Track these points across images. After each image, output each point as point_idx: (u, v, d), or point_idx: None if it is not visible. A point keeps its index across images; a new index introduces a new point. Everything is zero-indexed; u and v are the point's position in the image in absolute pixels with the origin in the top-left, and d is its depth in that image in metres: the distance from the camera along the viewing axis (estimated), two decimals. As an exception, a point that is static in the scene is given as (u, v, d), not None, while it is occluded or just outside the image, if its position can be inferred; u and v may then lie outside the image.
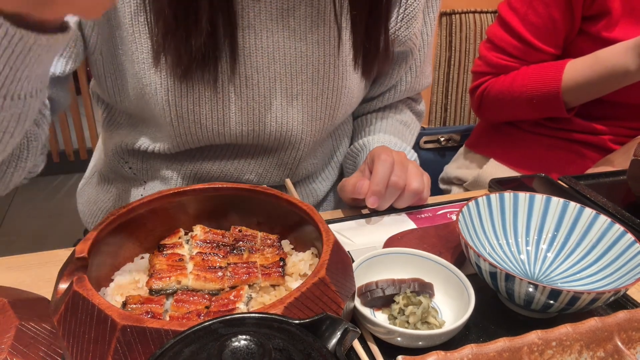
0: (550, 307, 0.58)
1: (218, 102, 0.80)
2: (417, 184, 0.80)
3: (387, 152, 0.81)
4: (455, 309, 0.61)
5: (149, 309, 0.50)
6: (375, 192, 0.78)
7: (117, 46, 0.78)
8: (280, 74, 0.82)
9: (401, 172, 0.79)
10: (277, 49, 0.81)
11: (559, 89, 1.12)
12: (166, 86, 0.78)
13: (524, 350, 0.48)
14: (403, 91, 1.02)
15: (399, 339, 0.56)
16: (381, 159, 0.80)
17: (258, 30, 0.79)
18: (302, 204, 0.59)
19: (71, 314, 0.45)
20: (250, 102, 0.82)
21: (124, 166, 0.93)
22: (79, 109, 3.19)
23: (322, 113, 0.88)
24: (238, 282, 0.54)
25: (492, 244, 0.71)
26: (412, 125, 1.08)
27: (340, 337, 0.36)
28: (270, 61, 0.81)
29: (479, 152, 1.36)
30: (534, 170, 1.13)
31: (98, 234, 0.53)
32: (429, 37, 0.97)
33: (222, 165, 0.90)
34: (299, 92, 0.85)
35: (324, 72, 0.85)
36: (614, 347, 0.50)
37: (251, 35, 0.78)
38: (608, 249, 0.66)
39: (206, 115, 0.81)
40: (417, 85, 1.03)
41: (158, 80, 0.77)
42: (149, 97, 0.79)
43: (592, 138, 1.20)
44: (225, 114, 0.82)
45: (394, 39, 0.89)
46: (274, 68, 0.81)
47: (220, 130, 0.83)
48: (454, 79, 1.66)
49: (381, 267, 0.65)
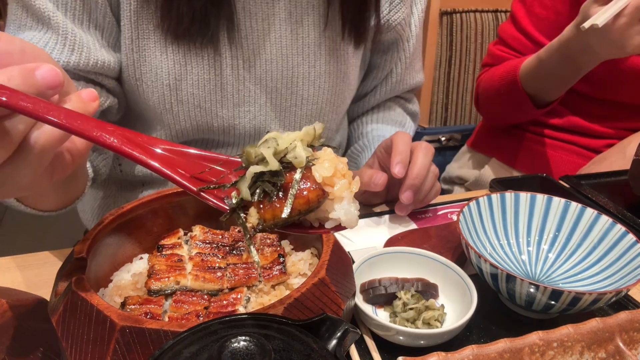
0: (552, 308, 0.57)
1: (217, 84, 0.82)
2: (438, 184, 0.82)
3: (418, 142, 0.80)
4: (457, 309, 0.61)
5: (148, 309, 0.49)
6: (412, 186, 0.76)
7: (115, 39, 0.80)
8: (277, 56, 0.83)
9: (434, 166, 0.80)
10: (274, 31, 0.82)
11: (516, 74, 1.11)
12: (167, 70, 0.79)
13: (525, 351, 0.48)
14: (394, 83, 1.03)
15: (400, 337, 0.55)
16: (422, 148, 0.77)
17: (253, 13, 0.80)
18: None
19: (70, 315, 0.45)
20: (247, 84, 0.83)
21: (117, 168, 0.93)
22: (79, 108, 3.19)
23: (321, 97, 0.89)
24: (238, 283, 0.53)
25: (493, 244, 0.71)
26: (407, 125, 1.09)
27: (340, 337, 0.36)
28: (267, 43, 0.82)
29: (480, 151, 1.35)
30: (536, 170, 1.12)
31: (97, 234, 0.53)
32: (416, 29, 0.98)
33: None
34: (296, 75, 0.86)
35: (320, 55, 0.86)
36: (615, 347, 0.50)
37: (246, 17, 0.80)
38: (610, 250, 0.65)
39: (205, 97, 0.82)
40: (408, 78, 1.04)
41: (158, 64, 0.79)
42: (147, 84, 0.80)
43: (592, 138, 1.20)
44: (224, 96, 0.83)
45: (385, 23, 0.91)
46: (270, 50, 0.83)
47: (219, 113, 0.84)
48: (454, 78, 1.65)
49: (383, 266, 0.65)
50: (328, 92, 0.90)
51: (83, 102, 0.43)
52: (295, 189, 0.40)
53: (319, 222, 0.43)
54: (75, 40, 0.73)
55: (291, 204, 0.40)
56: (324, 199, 0.41)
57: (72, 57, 0.73)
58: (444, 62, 1.63)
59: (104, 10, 0.76)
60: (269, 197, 0.40)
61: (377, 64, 1.00)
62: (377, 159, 0.83)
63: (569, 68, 1.03)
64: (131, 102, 0.86)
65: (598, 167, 1.08)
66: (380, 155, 0.82)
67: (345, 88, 0.92)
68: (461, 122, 1.72)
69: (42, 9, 0.71)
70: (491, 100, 1.22)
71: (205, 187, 0.42)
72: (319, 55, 0.86)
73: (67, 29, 0.72)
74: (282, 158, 0.41)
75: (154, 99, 0.82)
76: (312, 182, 0.40)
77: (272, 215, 0.41)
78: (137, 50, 0.78)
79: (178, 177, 0.42)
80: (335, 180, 0.41)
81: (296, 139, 0.42)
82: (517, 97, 1.13)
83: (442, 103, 1.68)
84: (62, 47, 0.72)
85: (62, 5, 0.73)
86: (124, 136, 0.41)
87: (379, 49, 0.98)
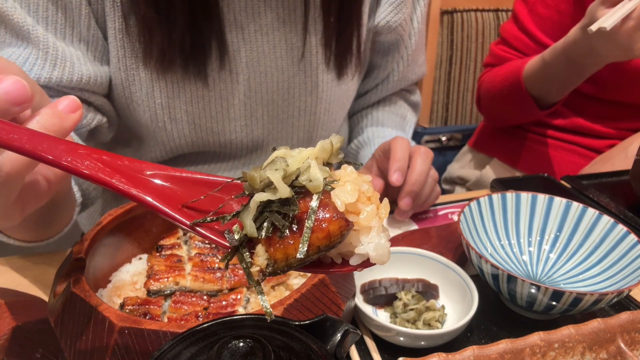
0: (553, 309, 0.57)
1: (211, 100, 0.80)
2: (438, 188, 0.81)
3: (416, 146, 0.78)
4: (458, 310, 0.61)
5: (147, 310, 0.49)
6: (410, 193, 0.75)
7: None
8: (272, 68, 0.81)
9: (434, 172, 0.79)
10: (267, 42, 0.79)
11: (520, 75, 1.10)
12: (158, 88, 0.76)
13: (526, 352, 0.47)
14: (396, 81, 1.01)
15: (400, 338, 0.55)
16: (421, 153, 0.76)
17: (245, 25, 0.77)
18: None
19: (69, 316, 0.44)
20: (242, 97, 0.82)
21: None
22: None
23: (318, 107, 0.88)
24: (237, 284, 0.53)
25: (494, 245, 0.71)
26: (409, 117, 1.08)
27: (341, 338, 0.35)
28: (261, 55, 0.80)
29: (482, 152, 1.35)
30: (537, 170, 1.12)
31: (96, 235, 0.53)
32: (419, 24, 0.96)
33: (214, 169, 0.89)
34: (293, 86, 0.84)
35: (316, 63, 0.84)
36: (616, 348, 0.50)
37: (238, 30, 0.77)
38: (611, 250, 0.65)
39: (199, 114, 0.80)
40: (411, 74, 1.02)
41: (149, 83, 0.76)
42: (138, 104, 0.77)
43: (595, 139, 1.19)
44: (218, 112, 0.81)
45: (385, 24, 0.89)
46: (264, 62, 0.81)
47: (215, 128, 0.82)
48: (455, 78, 1.65)
49: (384, 266, 0.64)
50: (326, 101, 0.88)
51: (58, 116, 0.37)
52: (311, 220, 0.32)
53: (342, 258, 0.35)
54: (58, 55, 0.68)
55: (308, 239, 0.32)
56: (347, 231, 0.33)
57: (55, 73, 0.68)
58: (444, 62, 1.63)
59: (87, 22, 0.71)
60: (280, 232, 0.32)
61: (377, 64, 0.98)
62: (375, 161, 0.82)
63: (574, 70, 1.02)
64: (124, 120, 0.83)
65: (600, 167, 1.07)
66: (378, 158, 0.82)
67: (343, 95, 0.90)
68: (462, 122, 1.72)
69: (21, 23, 0.66)
70: (493, 101, 1.22)
71: (200, 220, 0.35)
72: (315, 64, 0.84)
73: (48, 43, 0.68)
74: (293, 182, 0.33)
75: (145, 117, 0.79)
76: (332, 210, 0.33)
77: (284, 255, 0.32)
78: (124, 69, 0.75)
79: (166, 208, 0.35)
80: (361, 207, 0.33)
81: (310, 157, 0.34)
82: (520, 99, 1.12)
83: (443, 103, 1.68)
84: (44, 62, 0.68)
85: (42, 19, 0.68)
86: (100, 160, 0.35)
87: (380, 50, 0.96)
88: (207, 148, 0.86)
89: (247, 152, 0.89)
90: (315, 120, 0.90)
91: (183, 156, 0.88)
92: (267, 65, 0.81)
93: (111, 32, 0.73)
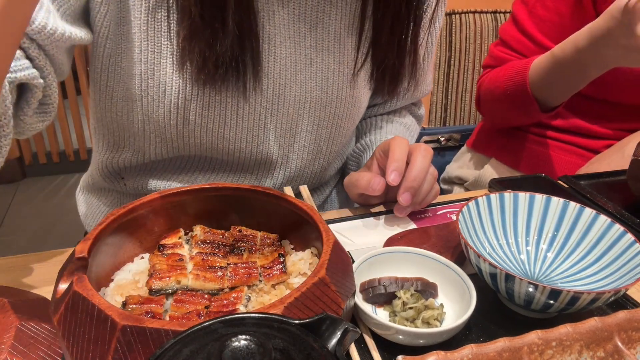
0: (550, 307, 0.58)
1: (227, 106, 0.79)
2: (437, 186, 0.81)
3: (416, 144, 0.79)
4: (457, 309, 0.61)
5: (148, 309, 0.50)
6: (409, 189, 0.76)
7: (119, 43, 0.75)
8: (291, 81, 0.82)
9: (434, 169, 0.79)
10: (289, 55, 0.80)
11: (525, 77, 1.09)
12: (177, 88, 0.75)
13: (524, 350, 0.48)
14: (406, 99, 1.03)
15: (399, 336, 0.56)
16: (421, 150, 0.77)
17: (272, 36, 0.77)
18: (302, 204, 0.59)
19: (71, 314, 0.45)
20: (258, 107, 0.82)
21: (120, 182, 0.92)
22: (79, 109, 3.19)
23: (331, 122, 0.88)
24: (238, 283, 0.54)
25: (492, 244, 0.71)
26: (413, 127, 1.09)
27: (340, 337, 0.36)
28: (282, 68, 0.80)
29: (480, 151, 1.36)
30: (536, 170, 1.12)
31: (98, 234, 0.53)
32: (432, 47, 0.97)
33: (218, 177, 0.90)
34: (309, 100, 0.84)
35: (333, 80, 0.84)
36: (614, 347, 0.50)
37: (272, 43, 0.77)
38: (608, 249, 0.66)
39: (214, 119, 0.80)
40: (419, 93, 1.04)
41: (168, 81, 0.75)
42: (153, 98, 0.77)
43: (592, 139, 1.20)
44: (232, 119, 0.81)
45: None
46: (285, 75, 0.81)
47: (226, 135, 0.82)
48: (453, 79, 1.66)
49: (383, 265, 0.65)
50: (339, 117, 0.88)
51: None
52: None
53: None
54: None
55: None
56: None
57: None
58: (443, 63, 1.64)
59: None
60: None
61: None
62: (375, 160, 0.83)
63: (580, 66, 1.00)
64: (124, 112, 0.81)
65: (596, 167, 1.08)
66: (379, 157, 0.82)
67: (355, 112, 0.91)
68: (460, 123, 1.72)
69: None
70: (495, 102, 1.22)
71: None
72: (331, 80, 0.84)
73: None
74: None
75: (157, 113, 0.78)
76: None
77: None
78: (145, 61, 0.74)
79: None
80: None
81: None
82: (524, 100, 1.12)
83: (442, 103, 1.69)
84: None
85: None
86: None
87: None
88: (214, 154, 0.86)
89: (255, 164, 0.89)
90: (326, 135, 0.90)
91: (189, 158, 0.88)
92: (287, 78, 0.81)
93: (136, 22, 0.72)
